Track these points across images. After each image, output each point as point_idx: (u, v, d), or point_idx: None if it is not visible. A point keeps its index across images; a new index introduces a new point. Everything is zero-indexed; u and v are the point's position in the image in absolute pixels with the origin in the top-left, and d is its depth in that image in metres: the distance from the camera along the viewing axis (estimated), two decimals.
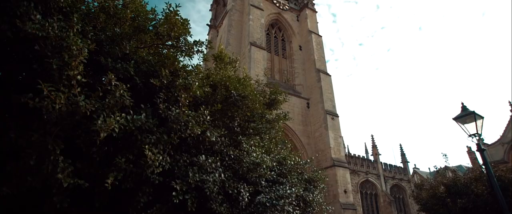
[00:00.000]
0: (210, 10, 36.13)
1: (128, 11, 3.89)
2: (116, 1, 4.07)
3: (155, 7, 4.31)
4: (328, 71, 28.23)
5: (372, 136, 30.74)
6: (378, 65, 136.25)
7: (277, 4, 30.97)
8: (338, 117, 25.68)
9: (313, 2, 33.14)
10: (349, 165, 26.95)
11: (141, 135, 3.19)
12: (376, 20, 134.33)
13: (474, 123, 9.42)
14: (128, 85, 3.05)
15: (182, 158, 3.64)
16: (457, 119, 9.80)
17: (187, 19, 3.77)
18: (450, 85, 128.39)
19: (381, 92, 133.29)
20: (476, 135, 9.29)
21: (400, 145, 31.83)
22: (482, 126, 9.49)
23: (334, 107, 26.12)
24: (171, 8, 3.76)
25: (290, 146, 24.68)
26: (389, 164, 30.47)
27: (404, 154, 31.47)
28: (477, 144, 9.17)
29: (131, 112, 3.09)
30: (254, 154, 4.01)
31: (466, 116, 9.54)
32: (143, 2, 3.93)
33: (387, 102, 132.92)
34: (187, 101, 3.42)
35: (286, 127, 25.00)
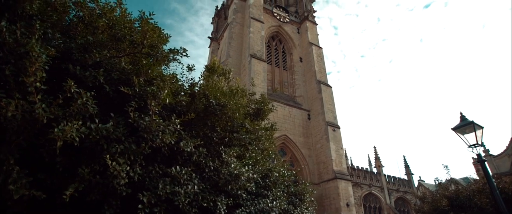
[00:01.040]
0: (211, 23, 36.54)
1: (104, 19, 3.84)
2: (98, 10, 4.05)
3: (131, 13, 4.26)
4: (330, 83, 28.21)
5: (374, 147, 30.34)
6: (380, 76, 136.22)
7: (278, 17, 31.24)
8: (339, 128, 25.41)
9: (314, 14, 33.38)
10: (352, 177, 26.49)
11: (108, 145, 3.08)
12: (377, 32, 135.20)
13: (474, 133, 9.19)
14: (93, 93, 2.96)
15: (154, 168, 3.51)
16: (456, 129, 9.58)
17: (159, 27, 3.71)
18: (454, 95, 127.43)
19: (384, 104, 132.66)
20: (476, 145, 9.04)
21: (404, 156, 31.31)
22: (482, 136, 9.26)
23: (335, 118, 25.89)
24: (144, 16, 3.70)
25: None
26: (393, 176, 29.89)
27: (408, 165, 30.91)
28: (477, 155, 8.93)
29: (97, 120, 2.99)
30: (233, 165, 3.86)
31: (465, 125, 9.33)
32: (118, 12, 3.86)
33: (390, 113, 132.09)
34: (157, 109, 3.31)
35: (286, 139, 24.79)
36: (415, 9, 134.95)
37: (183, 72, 5.41)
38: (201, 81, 5.38)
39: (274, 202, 4.29)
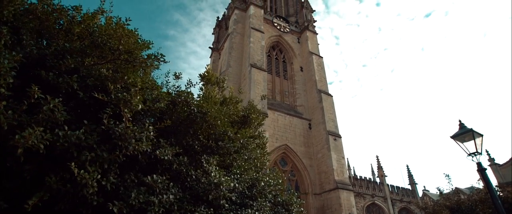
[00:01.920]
0: (212, 33, 36.81)
1: (82, 26, 3.81)
2: (78, 18, 4.03)
3: (105, 16, 4.22)
4: (333, 93, 28.20)
5: (377, 156, 29.92)
6: (382, 86, 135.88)
7: (278, 27, 31.41)
8: (340, 137, 25.16)
9: (314, 24, 33.53)
10: (354, 187, 26.09)
11: (79, 152, 3.00)
12: (379, 42, 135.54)
13: (473, 141, 8.99)
14: (60, 98, 2.89)
15: (130, 177, 3.41)
16: (455, 137, 9.40)
17: (133, 31, 3.66)
18: (459, 103, 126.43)
19: (387, 113, 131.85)
20: (476, 153, 8.83)
21: (407, 166, 30.84)
22: (481, 144, 9.06)
23: (336, 127, 25.66)
24: (121, 22, 3.66)
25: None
26: (396, 186, 29.40)
27: (412, 175, 30.41)
28: (477, 163, 8.72)
29: (66, 127, 2.91)
30: (213, 174, 3.74)
31: (464, 133, 9.15)
32: (96, 21, 3.83)
33: (393, 122, 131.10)
34: (129, 116, 3.23)
35: (287, 148, 24.57)
36: (416, 19, 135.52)
37: (168, 79, 5.36)
38: (189, 90, 5.30)
39: (257, 213, 4.15)
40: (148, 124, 3.33)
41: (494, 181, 29.56)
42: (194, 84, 5.31)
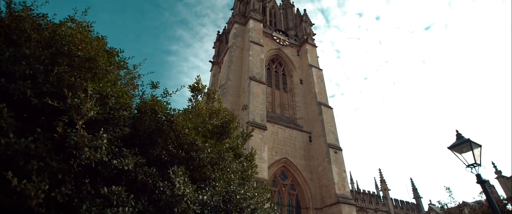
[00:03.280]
0: (213, 47, 37.09)
1: (46, 33, 3.71)
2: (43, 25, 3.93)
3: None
4: (335, 106, 28.71)
5: (379, 170, 29.30)
6: (384, 98, 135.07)
7: (277, 40, 31.55)
8: (341, 150, 24.73)
9: (313, 37, 33.65)
10: (357, 201, 25.47)
11: (26, 162, 2.83)
12: (379, 54, 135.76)
13: (471, 151, 8.66)
14: (4, 105, 2.74)
15: (86, 188, 3.22)
16: (452, 148, 9.08)
17: (90, 36, 3.54)
18: (463, 114, 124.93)
19: (390, 125, 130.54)
20: (475, 164, 8.49)
21: (411, 179, 30.13)
22: (480, 154, 8.73)
23: (337, 140, 25.27)
24: (82, 27, 3.56)
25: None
26: (400, 200, 28.65)
27: (416, 188, 29.64)
28: (477, 175, 8.37)
29: (11, 135, 2.76)
30: (177, 185, 3.54)
31: (461, 144, 8.83)
32: (63, 29, 3.72)
33: (397, 135, 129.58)
34: (81, 123, 3.07)
35: (287, 162, 24.16)
36: (416, 31, 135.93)
37: (143, 89, 5.23)
38: (165, 99, 5.13)
39: None
40: (101, 132, 3.15)
41: (502, 194, 28.68)
42: (173, 93, 5.16)
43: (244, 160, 6.94)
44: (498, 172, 31.28)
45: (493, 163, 31.76)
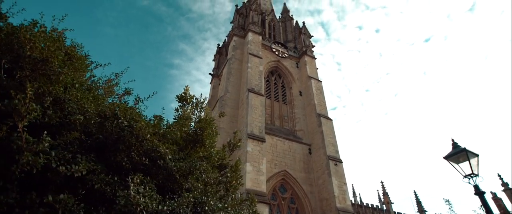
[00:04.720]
0: (213, 60, 37.24)
1: (2, 34, 3.59)
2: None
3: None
4: (336, 118, 28.25)
5: (382, 182, 28.63)
6: (386, 110, 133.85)
7: (276, 52, 31.61)
8: (342, 162, 24.26)
9: (312, 49, 33.70)
10: None
11: None
12: (380, 67, 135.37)
13: (468, 161, 8.32)
14: None
15: (31, 197, 3.02)
16: (448, 157, 8.75)
17: (38, 37, 3.39)
18: (466, 126, 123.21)
19: (393, 137, 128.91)
20: (472, 175, 8.13)
21: (414, 191, 29.36)
22: (477, 164, 8.38)
23: (337, 152, 24.84)
24: (36, 27, 3.44)
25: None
26: None
27: (420, 201, 28.84)
28: (474, 186, 8.01)
29: None
30: (132, 193, 3.32)
31: (458, 154, 8.50)
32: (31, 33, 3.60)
33: (400, 146, 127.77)
34: (22, 126, 2.89)
35: (286, 174, 23.71)
36: (416, 43, 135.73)
37: (117, 95, 5.07)
38: (137, 106, 4.97)
39: None
40: (45, 135, 2.97)
41: (510, 207, 27.73)
42: (144, 99, 4.99)
43: (229, 171, 6.70)
44: (505, 184, 30.39)
45: (499, 175, 30.91)
